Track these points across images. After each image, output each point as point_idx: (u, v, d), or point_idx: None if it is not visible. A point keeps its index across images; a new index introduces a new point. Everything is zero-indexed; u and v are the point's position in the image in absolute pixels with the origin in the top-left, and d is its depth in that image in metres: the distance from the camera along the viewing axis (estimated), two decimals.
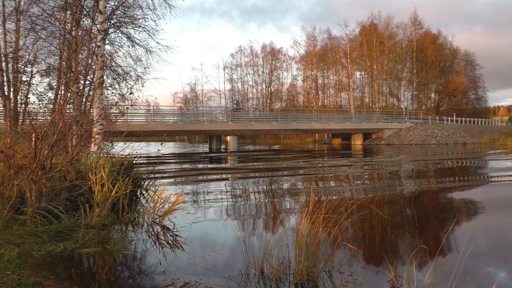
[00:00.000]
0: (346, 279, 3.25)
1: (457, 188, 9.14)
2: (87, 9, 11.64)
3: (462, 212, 6.46)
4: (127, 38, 13.27)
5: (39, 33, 11.87)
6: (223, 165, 17.19)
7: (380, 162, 17.21)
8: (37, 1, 11.83)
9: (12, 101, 12.59)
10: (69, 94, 8.94)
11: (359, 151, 27.29)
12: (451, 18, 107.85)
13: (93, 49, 10.46)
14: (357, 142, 38.66)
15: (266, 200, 7.53)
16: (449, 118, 47.16)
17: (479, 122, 51.72)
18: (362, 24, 56.35)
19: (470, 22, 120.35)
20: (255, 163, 17.23)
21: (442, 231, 5.01)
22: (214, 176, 12.20)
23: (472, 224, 5.45)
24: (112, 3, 11.95)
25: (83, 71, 10.59)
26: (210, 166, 16.83)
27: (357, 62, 56.08)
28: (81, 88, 11.28)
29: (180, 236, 4.64)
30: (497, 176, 11.37)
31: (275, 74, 64.09)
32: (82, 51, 10.40)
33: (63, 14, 11.62)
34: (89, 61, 10.56)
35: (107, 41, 12.07)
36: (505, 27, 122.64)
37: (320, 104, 58.92)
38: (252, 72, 64.34)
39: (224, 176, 12.43)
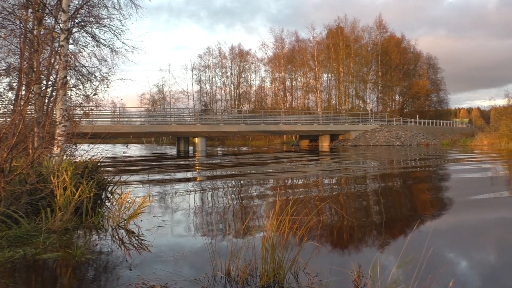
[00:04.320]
0: (311, 280, 3.28)
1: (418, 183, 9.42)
2: (49, 8, 11.32)
3: (425, 209, 6.65)
4: (91, 38, 13.00)
5: None
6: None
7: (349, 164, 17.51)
8: None
9: None
10: (30, 95, 8.64)
11: (326, 152, 27.65)
12: (415, 22, 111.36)
13: (56, 48, 10.17)
14: (325, 143, 39.21)
15: (234, 203, 7.51)
16: (413, 120, 48.53)
17: (441, 124, 53.44)
18: (329, 27, 57.42)
19: (433, 26, 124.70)
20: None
21: (405, 230, 5.14)
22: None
23: (435, 222, 5.60)
24: (76, 2, 11.68)
25: (45, 71, 10.27)
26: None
27: (324, 65, 57.01)
28: (43, 88, 10.93)
29: (145, 240, 4.57)
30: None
31: (243, 75, 64.28)
32: (44, 51, 10.09)
33: (24, 12, 11.26)
34: (52, 61, 10.25)
35: (71, 41, 11.76)
36: (467, 31, 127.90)
37: (288, 106, 59.49)
38: (220, 73, 64.36)
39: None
